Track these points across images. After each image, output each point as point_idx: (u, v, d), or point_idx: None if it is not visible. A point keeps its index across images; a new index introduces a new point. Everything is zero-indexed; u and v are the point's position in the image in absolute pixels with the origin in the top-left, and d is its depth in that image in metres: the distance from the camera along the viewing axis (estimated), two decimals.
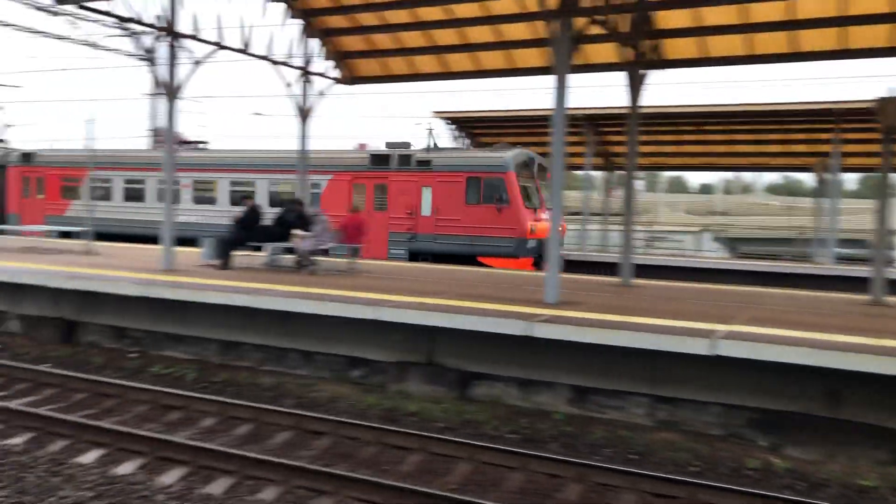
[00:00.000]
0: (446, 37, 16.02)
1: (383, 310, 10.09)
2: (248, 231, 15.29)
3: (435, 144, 23.68)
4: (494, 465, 7.49)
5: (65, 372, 10.36)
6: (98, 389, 9.73)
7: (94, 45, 29.31)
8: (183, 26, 14.07)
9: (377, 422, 8.74)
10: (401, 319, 9.99)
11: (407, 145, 23.54)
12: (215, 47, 14.65)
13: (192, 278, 12.73)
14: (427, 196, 21.89)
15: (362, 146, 24.79)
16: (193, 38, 14.24)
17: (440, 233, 21.49)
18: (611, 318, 9.68)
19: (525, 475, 7.26)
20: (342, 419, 8.56)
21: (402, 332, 10.22)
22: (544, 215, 20.93)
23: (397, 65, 17.29)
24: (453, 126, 29.22)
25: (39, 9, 28.09)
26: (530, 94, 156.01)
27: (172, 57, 13.95)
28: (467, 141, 29.88)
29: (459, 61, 16.67)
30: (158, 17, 14.09)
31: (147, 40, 14.59)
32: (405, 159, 22.63)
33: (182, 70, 14.02)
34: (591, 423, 9.08)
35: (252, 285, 11.96)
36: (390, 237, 22.29)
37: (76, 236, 19.88)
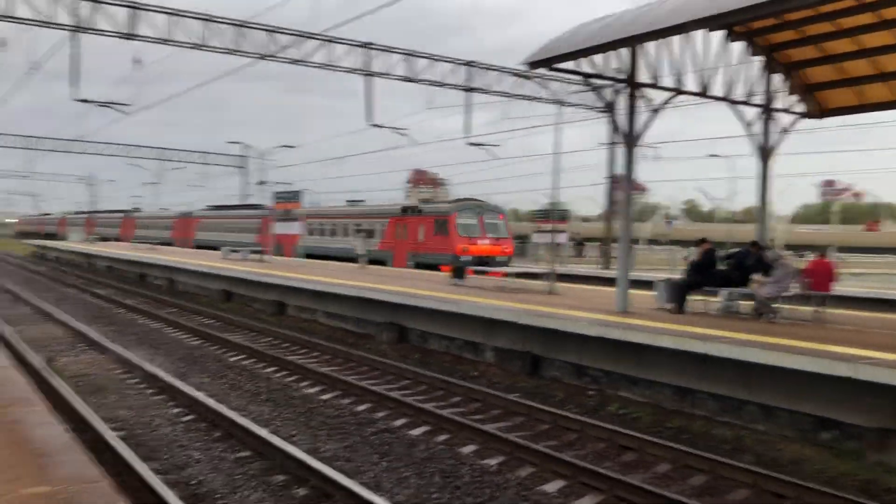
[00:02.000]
0: None
1: (860, 367, 8.95)
2: (703, 275, 14.95)
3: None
4: None
5: (531, 403, 11.26)
6: (560, 422, 10.37)
7: (561, 103, 31.92)
8: (642, 76, 14.51)
9: (851, 493, 7.74)
10: (880, 379, 8.75)
11: (428, 201, 41.37)
12: (673, 93, 14.77)
13: (646, 321, 12.87)
14: (421, 230, 33.83)
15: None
16: (653, 86, 14.55)
17: (426, 252, 33.00)
18: None
19: None
20: (808, 484, 7.78)
21: (881, 393, 8.93)
22: (483, 241, 32.30)
23: (877, 92, 15.44)
24: None
25: (516, 74, 31.82)
26: None
27: (632, 106, 14.46)
28: None
29: None
30: (617, 70, 14.76)
31: (608, 93, 15.44)
32: (414, 209, 35.29)
33: (640, 118, 14.45)
34: None
35: (706, 331, 11.63)
36: (407, 255, 33.86)
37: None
